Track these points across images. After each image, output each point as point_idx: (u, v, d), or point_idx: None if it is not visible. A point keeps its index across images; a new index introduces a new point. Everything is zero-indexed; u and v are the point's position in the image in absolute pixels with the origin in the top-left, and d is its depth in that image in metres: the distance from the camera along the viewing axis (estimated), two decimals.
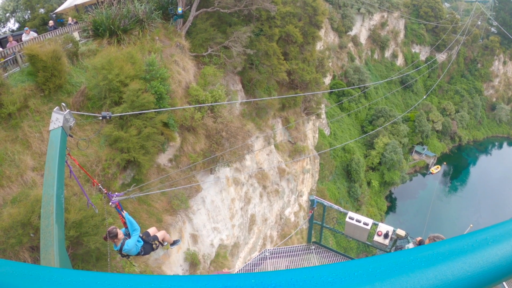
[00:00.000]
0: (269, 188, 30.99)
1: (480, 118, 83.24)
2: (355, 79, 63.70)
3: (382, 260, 1.35)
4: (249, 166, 27.18)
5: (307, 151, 38.46)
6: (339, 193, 50.30)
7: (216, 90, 19.79)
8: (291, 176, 35.26)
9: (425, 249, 1.44)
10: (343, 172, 53.83)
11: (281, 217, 34.07)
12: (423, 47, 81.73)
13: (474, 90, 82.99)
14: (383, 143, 58.14)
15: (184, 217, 18.12)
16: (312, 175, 42.62)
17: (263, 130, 28.90)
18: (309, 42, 29.12)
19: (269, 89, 28.98)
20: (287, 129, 35.35)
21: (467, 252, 1.42)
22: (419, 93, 76.38)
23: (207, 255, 20.09)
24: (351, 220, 8.66)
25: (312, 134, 43.82)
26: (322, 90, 35.53)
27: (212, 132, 20.14)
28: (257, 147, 28.32)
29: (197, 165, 19.50)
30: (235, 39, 20.30)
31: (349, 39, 67.66)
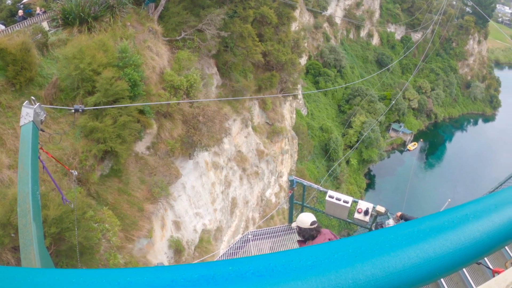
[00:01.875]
0: (249, 170, 31.04)
1: (455, 95, 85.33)
2: (331, 59, 63.92)
3: (362, 240, 1.33)
4: (228, 150, 27.10)
5: (285, 132, 38.52)
6: (319, 172, 50.90)
7: (191, 74, 19.45)
8: (270, 158, 35.34)
9: (406, 226, 1.42)
10: (322, 151, 54.40)
11: (262, 199, 34.30)
12: (399, 26, 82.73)
13: (449, 68, 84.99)
14: (361, 122, 58.88)
15: (166, 205, 18.01)
16: (291, 155, 42.84)
17: (240, 113, 28.75)
18: (284, 23, 28.86)
19: (244, 71, 28.72)
20: (264, 110, 35.27)
21: (448, 229, 1.41)
22: (395, 72, 77.46)
23: (191, 241, 20.12)
24: (331, 199, 8.70)
25: (290, 115, 43.87)
26: (298, 70, 35.39)
27: (188, 117, 19.91)
28: (235, 130, 28.23)
29: (176, 151, 19.32)
30: (209, 22, 19.89)
31: (324, 19, 67.56)
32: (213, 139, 21.34)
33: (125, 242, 13.45)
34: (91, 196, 12.81)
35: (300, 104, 53.55)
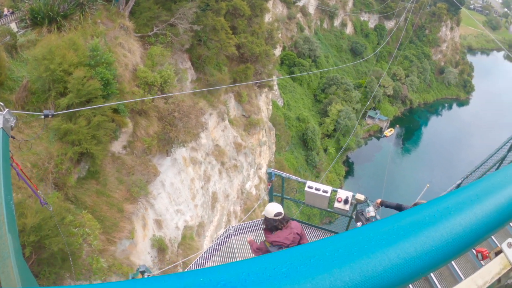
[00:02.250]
0: (228, 164, 30.95)
1: (430, 81, 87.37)
2: (305, 49, 64.16)
3: (339, 241, 1.27)
4: (205, 144, 26.91)
5: (262, 123, 38.51)
6: (297, 162, 51.25)
7: (164, 70, 19.13)
8: (248, 150, 35.31)
9: (385, 223, 1.37)
10: (300, 141, 54.74)
11: (243, 192, 34.29)
12: (372, 15, 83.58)
13: (422, 55, 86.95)
14: (337, 110, 59.46)
15: (146, 204, 17.76)
16: (269, 147, 42.91)
17: (216, 107, 28.57)
18: (257, 15, 28.69)
19: (219, 65, 28.49)
20: (240, 103, 35.13)
21: (429, 224, 1.36)
22: (369, 60, 78.48)
23: (174, 238, 19.95)
24: (310, 189, 8.70)
25: (266, 106, 43.85)
26: (273, 62, 35.33)
27: (164, 113, 19.62)
28: (212, 124, 28.07)
29: (152, 149, 19.05)
30: (181, 15, 19.54)
31: (297, 10, 67.61)
32: (190, 134, 21.14)
33: (107, 245, 13.20)
34: (69, 200, 12.48)
35: (276, 95, 53.56)
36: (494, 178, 1.86)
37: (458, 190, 1.70)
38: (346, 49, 76.29)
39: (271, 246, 5.84)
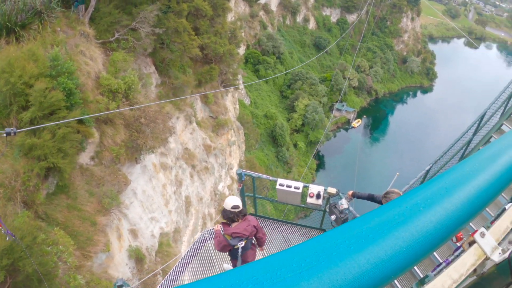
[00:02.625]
0: (198, 166, 30.74)
1: (393, 71, 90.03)
2: (269, 47, 64.57)
3: (306, 249, 1.20)
4: (174, 148, 26.62)
5: (230, 123, 38.46)
6: (268, 159, 51.46)
7: (128, 76, 18.66)
8: (218, 151, 35.19)
9: (353, 225, 1.32)
10: (269, 138, 54.98)
11: (216, 193, 34.10)
12: (334, 9, 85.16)
13: (385, 46, 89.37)
14: (304, 105, 60.06)
15: (119, 214, 17.31)
16: (239, 146, 42.88)
17: (182, 110, 28.27)
18: (219, 14, 28.49)
19: (183, 67, 28.16)
20: (206, 104, 34.93)
21: (399, 224, 1.32)
22: (333, 53, 79.70)
23: (151, 247, 19.57)
24: (282, 187, 8.70)
25: (233, 106, 43.77)
26: (237, 61, 35.25)
27: (130, 120, 19.17)
28: (179, 128, 27.80)
29: (121, 158, 18.59)
30: (142, 19, 19.09)
31: (260, 8, 67.92)
32: (158, 139, 20.77)
33: (83, 260, 12.75)
34: (39, 218, 11.93)
35: (242, 94, 53.54)
36: (462, 168, 1.87)
37: (427, 183, 1.67)
38: (310, 44, 77.32)
39: (232, 239, 6.03)
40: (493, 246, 1.60)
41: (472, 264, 1.53)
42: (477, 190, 1.67)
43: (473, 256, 1.56)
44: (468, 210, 1.55)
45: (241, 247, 6.18)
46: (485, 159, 1.99)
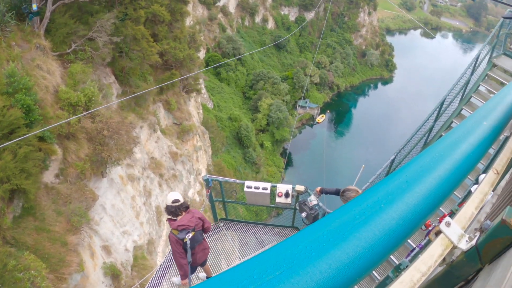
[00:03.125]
0: (166, 175, 30.34)
1: (353, 65, 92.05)
2: (229, 49, 64.53)
3: (267, 259, 1.15)
4: (140, 159, 26.10)
5: (195, 128, 38.20)
6: (236, 161, 51.36)
7: (87, 87, 18.06)
8: (185, 158, 34.88)
9: (314, 229, 1.27)
10: (235, 140, 54.90)
11: (186, 200, 33.73)
12: (292, 8, 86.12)
13: (344, 41, 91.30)
14: (267, 105, 60.32)
15: (89, 231, 16.67)
16: (205, 151, 42.65)
17: (145, 119, 27.81)
18: (178, 19, 28.11)
19: (143, 75, 27.69)
20: (170, 111, 34.53)
21: (360, 225, 1.27)
22: (293, 52, 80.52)
23: (126, 261, 19.00)
24: (250, 189, 8.69)
25: (196, 111, 43.41)
26: (198, 65, 34.92)
27: (93, 133, 18.53)
28: (144, 137, 27.33)
29: (86, 173, 17.96)
30: (99, 28, 18.46)
31: (218, 10, 67.88)
32: (123, 151, 20.20)
33: (58, 283, 12.15)
34: (8, 243, 11.25)
35: (205, 98, 53.22)
36: (422, 159, 1.87)
37: (388, 177, 1.66)
38: (270, 43, 77.76)
39: (179, 233, 6.20)
40: (459, 235, 1.60)
41: (440, 255, 1.52)
42: (439, 181, 1.66)
43: (440, 247, 1.56)
44: (430, 202, 1.54)
45: (189, 239, 6.28)
46: (444, 148, 2.00)
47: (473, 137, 2.26)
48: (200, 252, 6.81)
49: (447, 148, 2.03)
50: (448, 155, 1.93)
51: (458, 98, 14.32)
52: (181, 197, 6.48)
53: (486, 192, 2.26)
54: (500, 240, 1.34)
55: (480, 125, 2.46)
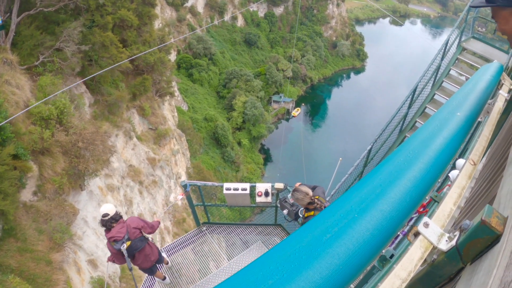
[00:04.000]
0: (146, 182, 29.98)
1: (325, 57, 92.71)
2: (200, 49, 64.18)
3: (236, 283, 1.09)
4: (118, 168, 25.70)
5: (171, 132, 37.89)
6: (214, 162, 51.15)
7: (59, 100, 17.60)
8: (163, 163, 34.56)
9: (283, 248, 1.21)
10: (212, 141, 54.66)
11: (168, 205, 33.37)
12: (260, 4, 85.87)
13: (314, 34, 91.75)
14: (242, 102, 60.19)
15: (73, 247, 16.26)
16: (183, 153, 42.36)
17: (120, 126, 27.37)
18: (146, 23, 27.62)
19: (115, 82, 27.19)
20: (144, 117, 34.10)
21: (333, 239, 1.21)
22: (264, 48, 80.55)
23: (113, 273, 18.62)
24: (229, 191, 8.61)
25: (171, 114, 42.98)
26: (169, 68, 34.49)
27: (67, 146, 18.08)
28: (120, 145, 26.90)
29: (64, 187, 17.52)
30: (67, 38, 17.92)
31: (186, 11, 67.26)
32: (100, 161, 19.83)
33: None
34: None
35: (179, 100, 52.76)
36: (395, 159, 1.82)
37: (361, 181, 1.61)
38: (240, 41, 77.78)
39: (115, 244, 6.44)
40: (439, 234, 1.56)
41: (420, 258, 1.48)
42: (414, 182, 1.61)
43: (420, 249, 1.50)
44: (406, 206, 1.49)
45: (125, 249, 6.48)
46: (418, 145, 1.96)
47: (447, 130, 2.21)
48: (142, 258, 7.01)
49: (421, 145, 1.97)
50: (422, 152, 1.88)
51: (430, 84, 14.59)
52: (111, 209, 6.61)
53: (464, 185, 2.19)
54: (480, 240, 1.31)
55: (453, 117, 2.40)
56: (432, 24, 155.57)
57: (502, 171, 1.97)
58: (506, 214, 1.31)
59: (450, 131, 2.20)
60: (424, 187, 1.67)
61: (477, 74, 3.59)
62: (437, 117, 2.42)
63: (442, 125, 2.25)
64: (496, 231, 1.25)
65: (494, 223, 1.26)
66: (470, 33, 15.62)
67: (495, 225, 1.26)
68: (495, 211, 1.28)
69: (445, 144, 2.04)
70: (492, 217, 1.27)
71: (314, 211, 6.04)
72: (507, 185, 1.55)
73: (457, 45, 14.82)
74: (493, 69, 3.65)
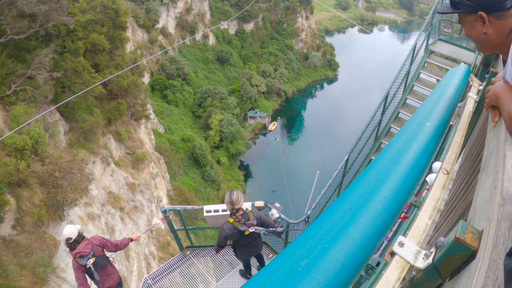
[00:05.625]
0: (127, 208, 29.35)
1: (298, 69, 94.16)
2: (173, 70, 64.24)
3: None
4: (98, 195, 25.16)
5: (149, 155, 37.37)
6: (195, 182, 50.65)
7: (33, 129, 17.16)
8: (143, 187, 33.95)
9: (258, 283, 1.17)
10: (191, 161, 54.24)
11: (151, 230, 32.62)
12: (231, 22, 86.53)
13: (285, 47, 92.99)
14: (218, 121, 60.08)
15: (57, 280, 15.62)
16: (163, 176, 41.77)
17: (97, 153, 26.87)
18: (118, 46, 27.38)
19: (89, 108, 26.72)
20: (121, 142, 33.56)
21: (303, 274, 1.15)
22: (237, 64, 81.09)
23: None
24: (209, 213, 8.43)
25: (148, 137, 42.45)
26: (143, 90, 34.22)
27: (44, 177, 17.58)
28: (98, 172, 26.39)
29: (44, 219, 16.95)
30: (38, 65, 17.52)
31: (158, 32, 67.48)
32: (78, 190, 19.32)
33: None
34: None
35: (155, 123, 52.29)
36: (366, 179, 1.79)
37: (331, 207, 1.58)
38: (213, 59, 78.09)
39: (81, 260, 6.53)
40: (415, 252, 1.51)
41: (397, 279, 1.42)
42: (384, 204, 1.57)
43: (397, 270, 1.46)
44: (378, 230, 1.45)
45: (91, 264, 6.61)
46: (388, 163, 1.92)
47: (417, 144, 2.17)
48: (105, 276, 7.05)
49: (391, 162, 1.94)
50: (393, 170, 1.84)
51: (401, 89, 14.82)
52: (73, 232, 6.65)
53: (439, 197, 2.14)
54: (456, 257, 1.27)
55: (423, 128, 2.37)
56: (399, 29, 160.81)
57: (477, 174, 1.92)
58: (481, 226, 1.26)
59: (420, 144, 2.17)
60: (396, 207, 1.64)
61: (444, 79, 3.60)
62: (406, 129, 2.38)
63: (411, 138, 2.22)
64: (472, 247, 1.22)
65: (469, 240, 1.22)
66: (436, 36, 16.00)
67: (470, 241, 1.22)
68: (469, 227, 1.24)
69: (416, 158, 2.01)
70: (466, 233, 1.23)
71: (234, 220, 6.14)
72: (481, 193, 1.50)
73: (425, 48, 15.14)
74: (460, 73, 3.69)
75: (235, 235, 6.28)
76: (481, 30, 1.88)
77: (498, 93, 1.82)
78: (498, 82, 1.92)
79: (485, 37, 1.88)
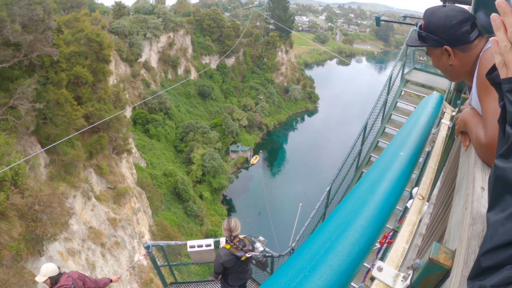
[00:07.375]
0: (108, 243, 28.54)
1: (278, 103, 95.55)
2: (155, 104, 64.41)
3: None
4: (78, 230, 24.50)
5: (130, 190, 36.80)
6: (178, 217, 49.77)
7: (13, 160, 16.87)
8: (124, 222, 33.19)
9: None
10: (173, 196, 53.47)
11: (134, 267, 31.61)
12: (212, 56, 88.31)
13: (266, 81, 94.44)
14: (200, 155, 59.89)
15: None
16: (145, 211, 40.99)
17: (78, 187, 26.44)
18: (101, 79, 27.46)
19: (71, 141, 26.37)
20: (102, 176, 33.05)
21: None
22: (218, 99, 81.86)
23: None
24: (193, 248, 8.35)
25: (130, 172, 41.91)
26: (125, 124, 34.11)
27: (23, 210, 17.18)
28: (79, 207, 25.86)
29: (22, 254, 16.38)
30: (21, 95, 17.42)
31: (140, 66, 68.19)
32: (58, 225, 18.84)
33: None
34: None
35: (137, 157, 51.77)
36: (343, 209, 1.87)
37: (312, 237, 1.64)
38: (195, 94, 78.66)
39: None
40: (394, 275, 1.60)
41: None
42: (361, 232, 1.66)
43: None
44: (355, 257, 1.53)
45: None
46: (364, 192, 2.02)
47: (392, 173, 2.27)
48: None
49: (367, 191, 2.03)
50: (368, 199, 1.93)
51: (380, 118, 15.12)
52: (49, 271, 6.65)
53: (415, 222, 2.25)
54: (432, 277, 1.36)
55: (397, 157, 2.48)
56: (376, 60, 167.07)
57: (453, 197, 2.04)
58: (454, 246, 1.34)
59: (394, 173, 2.27)
60: (372, 234, 1.71)
61: (418, 108, 3.78)
62: (382, 159, 2.49)
63: (386, 168, 2.32)
64: (445, 266, 1.29)
65: (442, 259, 1.30)
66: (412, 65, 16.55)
67: (443, 260, 1.29)
68: (442, 247, 1.32)
69: (390, 187, 2.10)
70: (440, 254, 1.30)
71: (231, 246, 6.18)
72: (455, 215, 1.61)
73: (401, 77, 15.57)
74: (433, 101, 3.88)
75: (231, 261, 6.24)
76: (447, 62, 1.99)
77: (465, 119, 1.91)
78: (465, 109, 2.03)
79: (451, 68, 2.00)
